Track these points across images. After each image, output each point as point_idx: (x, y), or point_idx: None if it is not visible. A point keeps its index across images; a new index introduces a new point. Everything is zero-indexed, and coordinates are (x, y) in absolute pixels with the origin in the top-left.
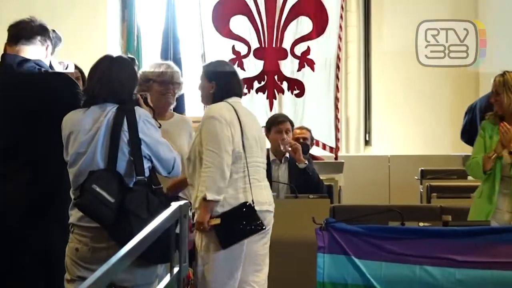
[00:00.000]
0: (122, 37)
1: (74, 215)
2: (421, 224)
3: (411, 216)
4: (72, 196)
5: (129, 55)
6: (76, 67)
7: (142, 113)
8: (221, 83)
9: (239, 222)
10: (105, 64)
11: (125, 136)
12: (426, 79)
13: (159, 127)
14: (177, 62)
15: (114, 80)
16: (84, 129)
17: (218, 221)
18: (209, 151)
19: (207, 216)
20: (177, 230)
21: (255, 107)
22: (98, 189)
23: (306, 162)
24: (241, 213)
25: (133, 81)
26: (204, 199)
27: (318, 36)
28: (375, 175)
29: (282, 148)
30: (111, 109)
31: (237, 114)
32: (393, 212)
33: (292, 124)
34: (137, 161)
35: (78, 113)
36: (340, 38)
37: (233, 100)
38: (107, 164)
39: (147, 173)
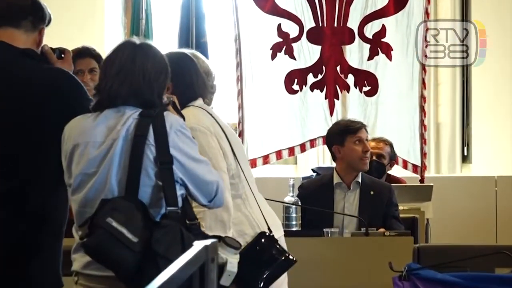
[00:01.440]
0: (126, 14)
1: (79, 260)
2: None
3: None
4: (76, 235)
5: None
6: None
7: (174, 121)
8: (182, 83)
9: (263, 261)
10: (126, 52)
11: (150, 152)
12: None
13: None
14: (202, 47)
15: (138, 75)
16: (95, 141)
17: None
18: None
19: None
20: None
21: (309, 109)
22: (114, 224)
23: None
24: (261, 248)
25: (164, 76)
26: None
27: (396, 11)
28: (476, 203)
29: (362, 165)
30: (131, 115)
31: (216, 120)
32: (502, 254)
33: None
34: (167, 187)
35: (87, 120)
36: (427, 14)
37: (200, 103)
38: (126, 190)
39: (179, 203)
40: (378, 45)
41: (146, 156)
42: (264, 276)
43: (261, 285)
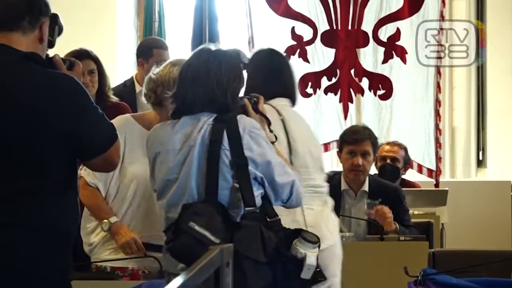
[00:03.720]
0: (138, 16)
1: (169, 260)
2: None
3: None
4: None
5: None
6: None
7: (247, 123)
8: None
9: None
10: (201, 59)
11: (225, 156)
12: None
13: (274, 141)
14: None
15: (211, 82)
16: (174, 149)
17: None
18: None
19: None
20: None
21: (323, 112)
22: (197, 228)
23: (396, 225)
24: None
25: (238, 80)
26: None
27: (411, 14)
28: (492, 208)
29: (351, 177)
30: (206, 121)
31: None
32: None
33: (374, 143)
34: (244, 188)
35: (166, 128)
36: (442, 16)
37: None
38: (206, 194)
39: (258, 202)
40: (393, 48)
41: (222, 161)
42: None
43: None
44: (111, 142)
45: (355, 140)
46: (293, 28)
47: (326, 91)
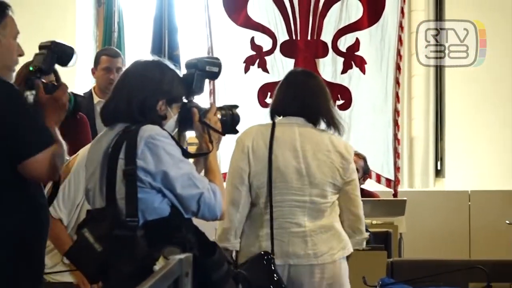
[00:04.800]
0: (98, 26)
1: None
2: None
3: (501, 275)
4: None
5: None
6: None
7: (148, 134)
8: None
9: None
10: (124, 71)
11: (120, 165)
12: None
13: (208, 152)
14: (174, 60)
15: (122, 92)
16: (91, 159)
17: None
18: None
19: None
20: None
21: None
22: (86, 234)
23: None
24: (258, 268)
25: (145, 92)
26: None
27: (370, 24)
28: (450, 218)
29: None
30: (117, 132)
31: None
32: (476, 269)
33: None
34: (128, 198)
35: (95, 139)
36: (401, 27)
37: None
38: (106, 203)
39: (162, 213)
40: (352, 59)
41: (119, 170)
42: None
43: None
44: (41, 147)
45: None
46: (252, 38)
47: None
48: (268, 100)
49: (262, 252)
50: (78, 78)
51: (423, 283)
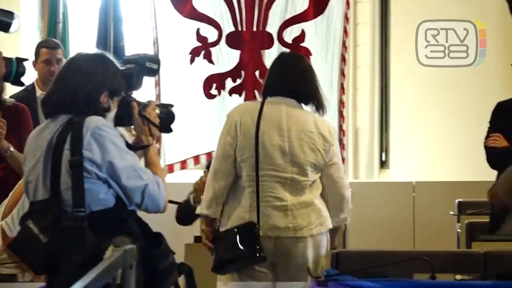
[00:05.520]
0: (42, 17)
1: None
2: (458, 277)
3: (445, 266)
4: None
5: None
6: None
7: (92, 125)
8: None
9: (234, 247)
10: (66, 63)
11: (66, 156)
12: (466, 82)
13: (149, 144)
14: (119, 51)
15: (65, 84)
16: (32, 150)
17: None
18: None
19: (205, 233)
20: None
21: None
22: (31, 225)
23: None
24: (240, 236)
25: (89, 84)
26: None
27: (316, 16)
28: (395, 209)
29: None
30: (60, 123)
31: None
32: (420, 260)
33: None
34: (75, 189)
35: (36, 130)
36: (347, 18)
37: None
38: (50, 194)
39: (108, 203)
40: (297, 50)
41: (64, 161)
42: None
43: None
44: None
45: None
46: (198, 30)
47: (230, 92)
48: (214, 92)
49: (248, 223)
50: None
51: (368, 274)
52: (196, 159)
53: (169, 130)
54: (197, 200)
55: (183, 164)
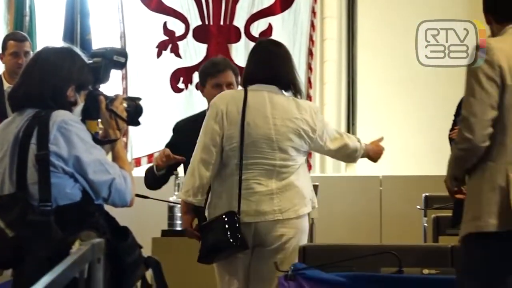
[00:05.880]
0: (9, 10)
1: None
2: (425, 271)
3: (412, 260)
4: None
5: None
6: None
7: (60, 119)
8: None
9: (217, 234)
10: (33, 57)
11: (32, 150)
12: (434, 75)
13: (116, 139)
14: (86, 44)
15: (31, 78)
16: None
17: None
18: None
19: (184, 220)
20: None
21: (195, 108)
22: None
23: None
24: (222, 224)
25: (56, 78)
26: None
27: (283, 10)
28: (361, 203)
29: None
30: (26, 117)
31: None
32: (387, 254)
33: (236, 73)
34: (41, 183)
35: (2, 124)
36: (314, 12)
37: None
38: (17, 188)
39: (74, 198)
40: None
41: (30, 155)
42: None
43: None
44: None
45: (218, 71)
46: (165, 23)
47: (198, 86)
48: (181, 85)
49: (229, 212)
50: None
51: (335, 268)
52: None
53: (137, 123)
54: (158, 168)
55: (150, 158)
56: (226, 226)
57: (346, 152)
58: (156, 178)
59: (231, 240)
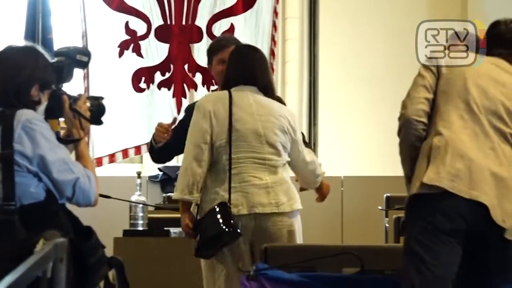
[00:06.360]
0: None
1: None
2: (388, 272)
3: (374, 261)
4: None
5: None
6: None
7: (25, 118)
8: None
9: (212, 224)
10: None
11: None
12: (395, 75)
13: (80, 139)
14: (48, 44)
15: None
16: None
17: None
18: None
19: (182, 218)
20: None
21: (156, 107)
22: None
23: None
24: (215, 217)
25: (20, 77)
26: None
27: (245, 10)
28: (322, 203)
29: None
30: None
31: None
32: (349, 255)
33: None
34: (5, 182)
35: None
36: (276, 13)
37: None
38: None
39: (40, 196)
40: None
41: None
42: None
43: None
44: None
45: (221, 47)
46: (127, 23)
47: (159, 86)
48: (143, 85)
49: (221, 203)
50: None
51: (298, 268)
52: (125, 152)
53: (99, 122)
54: (158, 140)
55: (112, 158)
56: (218, 216)
57: (314, 168)
58: (156, 150)
59: (223, 227)
